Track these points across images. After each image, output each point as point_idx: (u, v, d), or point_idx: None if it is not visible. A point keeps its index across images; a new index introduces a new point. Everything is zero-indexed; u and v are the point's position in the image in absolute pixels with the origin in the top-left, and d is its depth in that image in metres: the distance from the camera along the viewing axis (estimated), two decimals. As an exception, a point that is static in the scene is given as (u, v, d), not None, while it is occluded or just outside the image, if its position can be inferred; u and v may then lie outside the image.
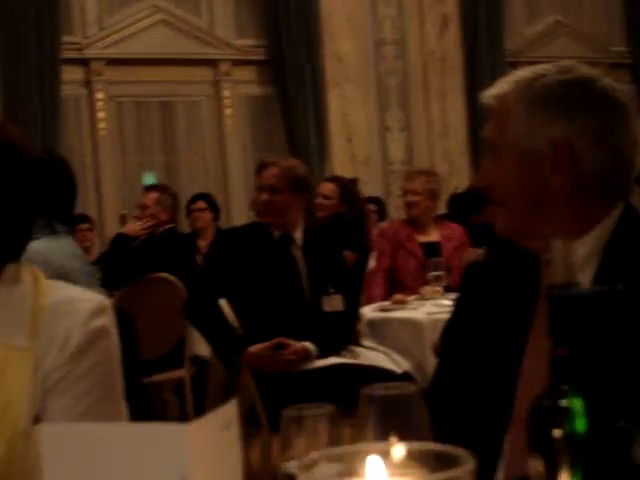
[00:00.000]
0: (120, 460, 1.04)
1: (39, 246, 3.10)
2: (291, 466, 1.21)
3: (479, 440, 1.40)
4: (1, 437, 1.64)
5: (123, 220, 7.68)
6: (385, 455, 0.95)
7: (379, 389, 1.18)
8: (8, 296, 1.75)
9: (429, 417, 1.14)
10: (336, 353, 4.42)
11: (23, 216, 1.80)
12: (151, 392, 5.46)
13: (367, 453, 0.96)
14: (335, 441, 1.24)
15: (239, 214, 9.33)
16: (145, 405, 4.59)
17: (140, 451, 1.03)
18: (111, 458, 1.05)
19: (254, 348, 4.31)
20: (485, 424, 1.79)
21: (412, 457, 0.95)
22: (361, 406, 1.18)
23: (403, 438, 1.07)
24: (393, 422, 1.13)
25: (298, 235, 4.57)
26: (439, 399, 1.91)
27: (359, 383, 3.67)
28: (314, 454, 0.97)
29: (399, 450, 0.96)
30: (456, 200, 8.63)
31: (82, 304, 1.76)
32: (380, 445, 0.99)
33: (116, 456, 1.04)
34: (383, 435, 1.13)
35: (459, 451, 0.92)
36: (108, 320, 1.77)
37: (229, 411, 1.08)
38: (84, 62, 8.83)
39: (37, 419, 1.67)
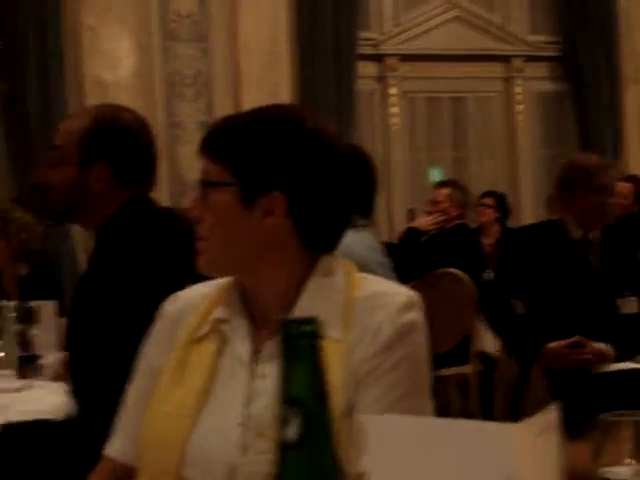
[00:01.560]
0: (444, 454, 1.05)
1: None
2: (614, 472, 1.20)
3: None
4: None
5: (411, 214, 7.77)
6: None
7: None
8: (322, 288, 1.80)
9: None
10: (631, 358, 4.32)
11: (339, 210, 1.86)
12: (436, 386, 5.50)
13: None
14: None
15: (527, 210, 9.25)
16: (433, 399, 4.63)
17: (464, 447, 1.04)
18: (435, 452, 1.06)
19: (552, 345, 4.27)
20: None
21: None
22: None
23: None
24: None
25: (595, 235, 4.50)
26: None
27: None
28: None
29: None
30: None
31: (393, 298, 1.78)
32: None
33: (440, 450, 1.05)
34: None
35: None
36: (418, 314, 1.79)
37: (551, 414, 1.08)
38: (379, 58, 8.99)
39: (348, 410, 1.71)
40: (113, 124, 2.70)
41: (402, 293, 1.81)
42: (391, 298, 1.78)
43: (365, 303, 1.77)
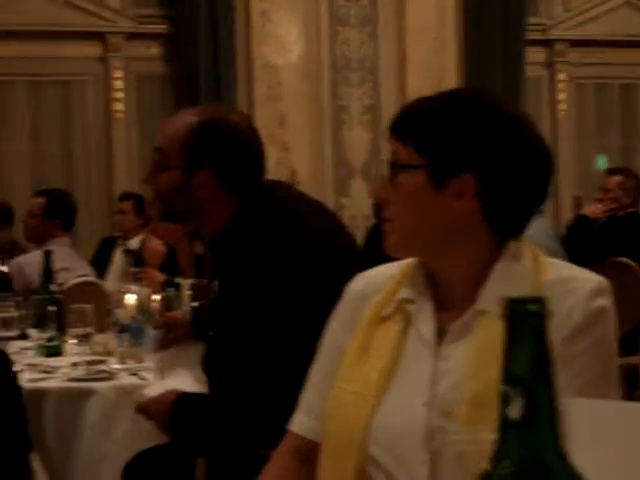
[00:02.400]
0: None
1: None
2: None
3: None
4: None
5: (577, 201, 7.64)
6: None
7: None
8: (510, 271, 1.79)
9: None
10: None
11: (528, 195, 1.84)
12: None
13: None
14: None
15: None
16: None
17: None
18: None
19: None
20: None
21: None
22: None
23: None
24: None
25: None
26: None
27: None
28: None
29: None
30: None
31: (583, 283, 1.76)
32: None
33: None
34: None
35: None
36: (608, 300, 1.77)
37: None
38: (547, 43, 8.87)
39: None
40: (218, 128, 2.62)
41: (592, 278, 1.79)
42: (581, 283, 1.76)
43: (554, 287, 1.74)
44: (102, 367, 3.77)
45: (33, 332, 3.89)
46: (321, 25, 8.16)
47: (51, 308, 3.85)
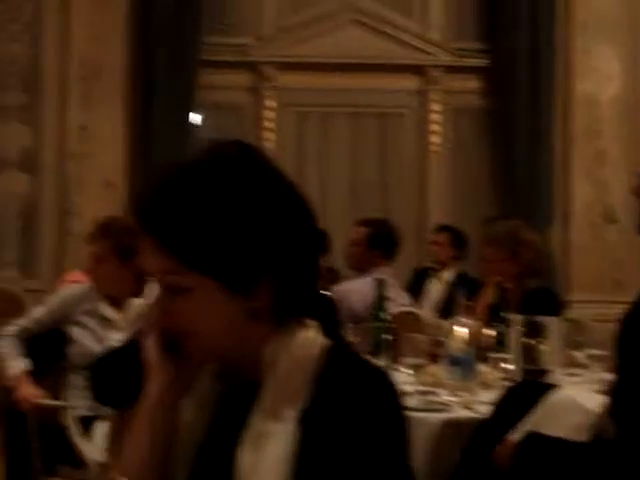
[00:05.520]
0: None
1: None
2: None
3: None
4: None
5: None
6: None
7: None
8: None
9: None
10: None
11: None
12: None
13: None
14: None
15: None
16: None
17: None
18: None
19: None
20: None
21: None
22: None
23: None
24: None
25: None
26: None
27: None
28: None
29: None
30: None
31: None
32: None
33: None
34: None
35: None
36: None
37: None
38: None
39: None
40: None
41: None
42: None
43: None
44: (434, 398, 3.78)
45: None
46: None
47: (385, 336, 3.91)
